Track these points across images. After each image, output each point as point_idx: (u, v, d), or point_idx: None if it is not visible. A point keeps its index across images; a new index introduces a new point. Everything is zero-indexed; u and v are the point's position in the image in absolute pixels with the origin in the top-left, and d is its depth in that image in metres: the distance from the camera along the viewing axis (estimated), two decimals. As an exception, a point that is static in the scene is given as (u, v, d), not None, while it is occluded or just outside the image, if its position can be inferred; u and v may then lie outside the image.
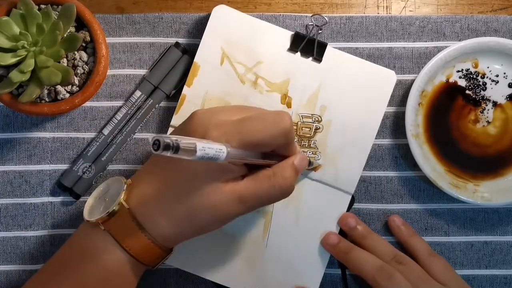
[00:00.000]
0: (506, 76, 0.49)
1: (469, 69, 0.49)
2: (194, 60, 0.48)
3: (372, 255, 0.46)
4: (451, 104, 0.49)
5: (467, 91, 0.50)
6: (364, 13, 0.51)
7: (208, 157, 0.33)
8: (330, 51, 0.49)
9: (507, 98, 0.49)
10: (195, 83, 0.48)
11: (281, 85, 0.48)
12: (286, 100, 0.48)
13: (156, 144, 0.30)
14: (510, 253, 0.50)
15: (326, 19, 0.49)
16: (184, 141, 0.31)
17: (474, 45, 0.48)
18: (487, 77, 0.49)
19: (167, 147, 0.30)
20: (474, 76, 0.49)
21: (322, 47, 0.48)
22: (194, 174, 0.38)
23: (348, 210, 0.49)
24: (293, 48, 0.48)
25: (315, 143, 0.49)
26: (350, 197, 0.49)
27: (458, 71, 0.50)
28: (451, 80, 0.50)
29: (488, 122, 0.49)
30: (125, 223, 0.39)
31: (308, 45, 0.48)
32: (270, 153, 0.41)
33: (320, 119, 0.49)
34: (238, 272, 0.48)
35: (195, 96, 0.48)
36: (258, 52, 0.48)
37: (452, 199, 0.50)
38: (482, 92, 0.49)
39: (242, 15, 0.48)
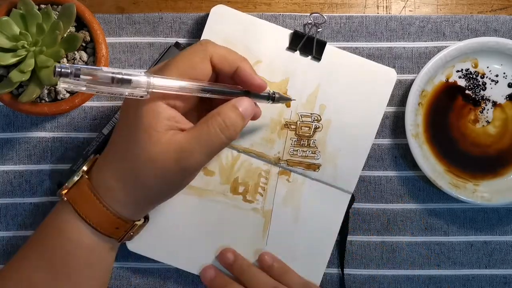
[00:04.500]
0: (506, 76, 0.49)
1: (468, 69, 0.50)
2: None
3: None
4: (451, 104, 0.50)
5: (466, 91, 0.50)
6: (364, 13, 0.51)
7: (120, 77, 0.34)
8: (330, 50, 0.49)
9: (506, 98, 0.50)
10: None
11: (280, 85, 0.48)
12: None
13: (57, 71, 0.32)
14: (510, 253, 0.50)
15: (325, 17, 0.49)
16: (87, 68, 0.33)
17: (473, 45, 0.48)
18: (486, 77, 0.49)
19: (65, 73, 0.32)
20: (474, 76, 0.50)
21: (321, 45, 0.48)
22: (135, 126, 0.37)
23: (348, 209, 0.49)
24: (292, 46, 0.48)
25: (314, 142, 0.49)
26: (350, 196, 0.49)
27: (457, 71, 0.50)
28: (451, 80, 0.50)
29: (488, 122, 0.49)
30: (82, 192, 0.39)
31: (307, 43, 0.48)
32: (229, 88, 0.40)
33: (319, 118, 0.48)
34: None
35: None
36: (257, 52, 0.48)
37: (451, 199, 0.50)
38: (481, 92, 0.50)
39: (240, 15, 0.48)
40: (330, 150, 0.49)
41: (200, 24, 0.50)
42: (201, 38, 0.48)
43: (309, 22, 0.49)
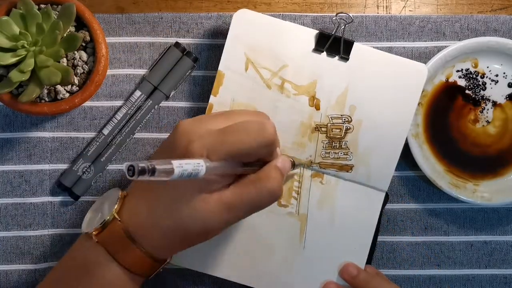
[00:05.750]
0: (506, 76, 0.49)
1: (468, 68, 0.50)
2: (219, 68, 0.47)
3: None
4: (451, 104, 0.50)
5: (466, 91, 0.50)
6: (364, 13, 0.51)
7: (187, 173, 0.33)
8: (357, 48, 0.47)
9: (506, 98, 0.50)
10: (221, 91, 0.47)
11: (308, 88, 0.48)
12: (314, 102, 0.48)
13: (131, 170, 0.30)
14: (510, 252, 0.50)
15: (352, 17, 0.48)
16: (160, 164, 0.31)
17: (473, 45, 0.48)
18: (486, 77, 0.49)
19: (142, 171, 0.30)
20: (474, 76, 0.50)
21: (349, 45, 0.47)
22: (181, 187, 0.38)
23: (382, 207, 0.48)
24: (318, 48, 0.47)
25: (346, 143, 0.48)
26: (384, 194, 0.48)
27: (457, 71, 0.50)
28: (451, 79, 0.50)
29: (488, 122, 0.49)
30: (116, 235, 0.39)
31: (334, 44, 0.47)
32: (253, 161, 0.40)
33: (350, 119, 0.48)
34: (277, 277, 0.48)
35: (222, 105, 0.47)
36: (283, 55, 0.47)
37: (451, 199, 0.50)
38: (481, 92, 0.50)
39: (264, 18, 0.47)
40: (362, 151, 0.48)
41: (200, 24, 0.50)
42: (225, 46, 0.47)
43: (334, 19, 0.48)
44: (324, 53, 0.48)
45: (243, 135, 0.38)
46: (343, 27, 0.48)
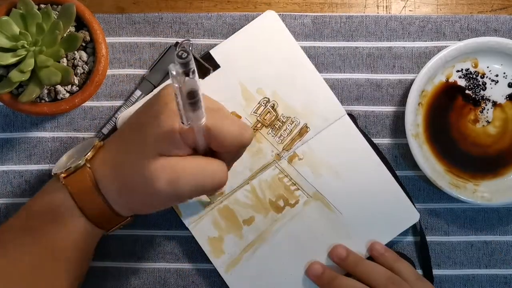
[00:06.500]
0: (506, 76, 0.49)
1: (468, 69, 0.50)
2: None
3: (358, 282, 0.46)
4: (451, 104, 0.50)
5: (466, 91, 0.50)
6: (364, 13, 0.51)
7: (197, 99, 0.33)
8: (216, 52, 0.49)
9: (506, 98, 0.49)
10: None
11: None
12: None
13: (183, 53, 0.30)
14: (510, 252, 0.50)
15: (191, 41, 0.49)
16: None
17: (473, 45, 0.48)
18: (486, 77, 0.49)
19: (185, 64, 0.30)
20: (474, 76, 0.49)
21: (209, 58, 0.49)
22: (144, 141, 0.39)
23: (358, 127, 0.49)
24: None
25: (283, 116, 0.49)
26: (346, 116, 0.49)
27: (458, 71, 0.50)
28: (451, 80, 0.50)
29: (488, 122, 0.49)
30: (83, 181, 0.40)
31: (200, 66, 0.48)
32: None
33: (267, 99, 0.49)
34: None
35: None
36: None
37: (452, 199, 0.50)
38: (481, 92, 0.50)
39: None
40: (300, 108, 0.49)
41: (200, 24, 0.50)
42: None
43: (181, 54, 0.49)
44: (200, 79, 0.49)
45: (230, 124, 0.39)
46: (189, 48, 0.49)
